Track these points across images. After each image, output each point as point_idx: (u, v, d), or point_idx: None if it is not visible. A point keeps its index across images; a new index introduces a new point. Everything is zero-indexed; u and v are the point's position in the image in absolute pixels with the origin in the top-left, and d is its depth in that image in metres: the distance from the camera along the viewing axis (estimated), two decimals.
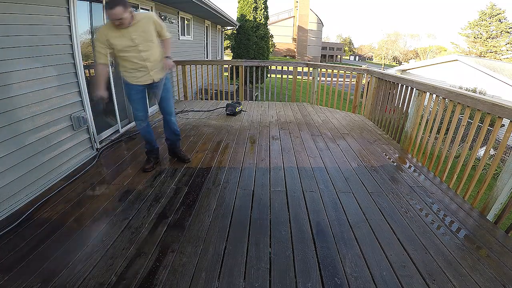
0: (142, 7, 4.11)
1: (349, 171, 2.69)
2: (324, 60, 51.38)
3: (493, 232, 1.88)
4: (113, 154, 2.95)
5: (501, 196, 1.95)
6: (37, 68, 2.18)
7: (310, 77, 5.84)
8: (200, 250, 1.62)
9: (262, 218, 1.92)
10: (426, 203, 2.19)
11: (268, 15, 14.80)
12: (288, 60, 27.64)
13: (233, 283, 1.41)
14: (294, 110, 5.08)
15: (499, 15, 28.93)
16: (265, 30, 14.45)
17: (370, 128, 4.10)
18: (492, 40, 29.41)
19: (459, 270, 1.53)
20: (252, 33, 13.84)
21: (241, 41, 13.98)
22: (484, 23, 29.65)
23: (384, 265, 1.54)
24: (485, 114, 2.15)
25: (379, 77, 4.25)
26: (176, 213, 1.96)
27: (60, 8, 2.40)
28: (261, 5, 14.03)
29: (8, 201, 1.93)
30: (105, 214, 1.93)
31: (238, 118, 4.40)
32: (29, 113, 2.10)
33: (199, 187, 2.31)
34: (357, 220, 1.93)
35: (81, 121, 2.64)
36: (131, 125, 3.85)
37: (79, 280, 1.39)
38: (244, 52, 13.96)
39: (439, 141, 2.75)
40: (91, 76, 3.13)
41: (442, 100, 2.71)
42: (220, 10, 7.61)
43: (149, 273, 1.45)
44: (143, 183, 2.35)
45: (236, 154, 2.99)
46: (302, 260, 1.57)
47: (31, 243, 1.64)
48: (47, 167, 2.28)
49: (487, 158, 2.62)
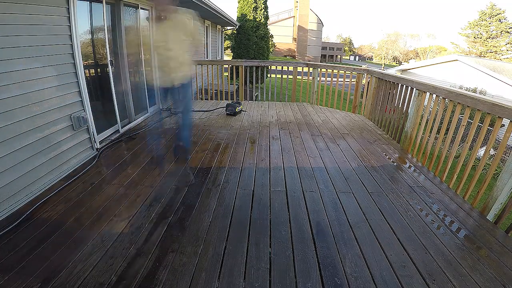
0: (142, 7, 4.11)
1: (349, 171, 2.68)
2: (324, 60, 51.38)
3: (493, 232, 1.88)
4: (113, 154, 2.95)
5: (501, 196, 1.95)
6: (37, 68, 2.18)
7: (310, 77, 5.84)
8: (200, 250, 1.62)
9: (262, 218, 1.92)
10: (426, 203, 2.19)
11: (268, 15, 14.79)
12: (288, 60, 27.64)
13: (233, 283, 1.41)
14: (294, 110, 5.08)
15: (499, 15, 28.92)
16: (265, 30, 14.44)
17: (370, 128, 4.10)
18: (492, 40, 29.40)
19: (459, 270, 1.53)
20: (252, 33, 13.83)
21: (241, 41, 13.97)
22: (484, 23, 29.64)
23: (384, 265, 1.54)
24: (485, 114, 2.15)
25: (379, 77, 4.25)
26: (176, 213, 1.96)
27: (60, 8, 2.40)
28: (261, 5, 14.01)
29: (8, 201, 1.93)
30: (105, 214, 1.92)
31: (238, 118, 4.40)
32: (29, 113, 2.09)
33: (199, 187, 2.31)
34: (357, 220, 1.93)
35: (81, 121, 2.64)
36: (131, 125, 3.85)
37: (79, 280, 1.39)
38: (244, 52, 13.95)
39: (439, 141, 2.75)
40: (91, 76, 3.14)
41: (442, 100, 2.71)
42: (220, 10, 7.61)
43: (149, 273, 1.45)
44: (143, 183, 2.35)
45: (236, 154, 2.99)
46: (302, 260, 1.57)
47: (31, 243, 1.64)
48: (47, 167, 2.28)
49: (487, 158, 2.62)
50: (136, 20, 4.05)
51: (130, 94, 3.86)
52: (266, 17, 14.56)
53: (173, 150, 2.81)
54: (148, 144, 3.26)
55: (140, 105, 4.28)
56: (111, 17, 3.47)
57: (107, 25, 3.32)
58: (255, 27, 13.96)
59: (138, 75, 4.23)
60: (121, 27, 3.57)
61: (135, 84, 4.14)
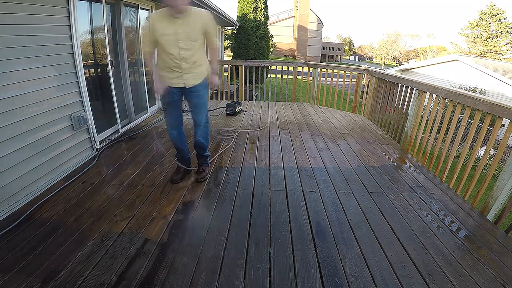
0: (142, 7, 4.11)
1: (349, 171, 2.68)
2: (324, 60, 51.36)
3: (493, 232, 1.88)
4: (113, 154, 2.95)
5: (501, 196, 1.95)
6: (37, 68, 2.18)
7: (310, 77, 5.84)
8: (200, 250, 1.62)
9: (262, 218, 1.92)
10: (426, 203, 2.19)
11: (268, 15, 14.77)
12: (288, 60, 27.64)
13: (233, 283, 1.41)
14: (294, 110, 5.08)
15: (499, 15, 28.91)
16: (265, 30, 14.44)
17: (370, 128, 4.10)
18: (492, 40, 29.39)
19: (459, 270, 1.53)
20: (252, 33, 13.82)
21: (241, 41, 13.96)
22: (484, 23, 29.63)
23: (384, 265, 1.54)
24: (485, 114, 2.15)
25: (379, 77, 4.25)
26: (176, 213, 1.96)
27: (60, 8, 2.40)
28: (261, 5, 14.01)
29: (8, 201, 1.93)
30: (105, 214, 1.93)
31: (238, 118, 4.40)
32: (29, 113, 2.09)
33: (199, 187, 2.31)
34: (357, 220, 1.93)
35: (81, 121, 2.64)
36: (131, 125, 3.85)
37: (79, 280, 1.39)
38: (244, 52, 13.95)
39: (439, 141, 2.75)
40: (91, 76, 3.14)
41: (442, 100, 2.71)
42: (220, 10, 7.60)
43: (149, 273, 1.45)
44: (143, 183, 2.35)
45: (236, 154, 2.99)
46: (302, 260, 1.57)
47: (31, 243, 1.64)
48: (47, 167, 2.28)
49: (487, 158, 2.61)
50: (136, 20, 4.05)
51: (130, 94, 3.86)
52: (266, 17, 14.55)
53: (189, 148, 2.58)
54: (148, 144, 3.25)
55: (140, 105, 4.28)
56: (111, 17, 3.47)
57: (107, 25, 3.32)
58: (255, 27, 13.95)
59: (138, 75, 4.23)
60: (121, 27, 3.57)
61: (135, 84, 4.14)
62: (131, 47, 3.93)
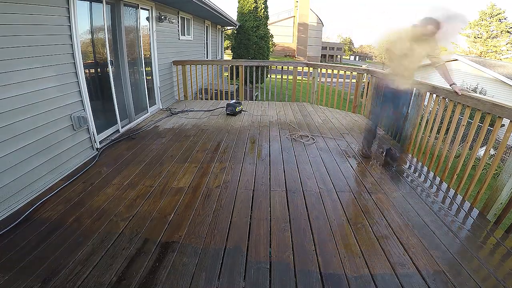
0: (142, 7, 4.11)
1: (349, 171, 2.69)
2: (324, 60, 51.35)
3: (493, 232, 1.88)
4: (113, 154, 2.95)
5: (501, 196, 1.95)
6: (37, 68, 2.18)
7: (310, 77, 5.84)
8: (200, 250, 1.62)
9: (262, 218, 1.92)
10: (426, 203, 2.19)
11: (268, 15, 14.79)
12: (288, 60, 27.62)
13: (233, 283, 1.41)
14: (294, 110, 5.08)
15: (499, 15, 28.89)
16: (265, 30, 14.45)
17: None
18: (492, 40, 29.37)
19: (459, 270, 1.53)
20: (252, 33, 13.83)
21: (241, 41, 13.97)
22: (484, 23, 29.60)
23: (384, 265, 1.54)
24: (485, 114, 2.15)
25: (379, 77, 4.24)
26: (176, 213, 1.96)
27: (60, 8, 2.40)
28: (261, 5, 14.02)
29: (8, 201, 1.93)
30: (105, 214, 1.93)
31: (238, 118, 4.40)
32: (29, 113, 2.09)
33: (199, 187, 2.31)
34: (357, 220, 1.93)
35: (81, 121, 2.64)
36: (131, 125, 3.85)
37: (79, 280, 1.39)
38: (244, 52, 13.95)
39: (439, 141, 2.74)
40: (91, 76, 3.14)
41: (442, 100, 2.71)
42: (220, 10, 7.60)
43: (149, 273, 1.45)
44: (143, 183, 2.35)
45: (236, 154, 2.99)
46: (302, 260, 1.57)
47: (31, 243, 1.64)
48: (47, 167, 2.28)
49: (487, 158, 2.61)
50: (136, 20, 4.05)
51: (130, 94, 3.86)
52: (266, 17, 14.57)
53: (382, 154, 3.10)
54: (148, 144, 3.25)
55: (140, 105, 4.28)
56: (111, 17, 3.47)
57: (107, 25, 3.32)
58: (255, 27, 13.96)
59: (138, 75, 4.23)
60: (121, 27, 3.57)
61: (135, 84, 4.14)
62: (131, 47, 3.93)
